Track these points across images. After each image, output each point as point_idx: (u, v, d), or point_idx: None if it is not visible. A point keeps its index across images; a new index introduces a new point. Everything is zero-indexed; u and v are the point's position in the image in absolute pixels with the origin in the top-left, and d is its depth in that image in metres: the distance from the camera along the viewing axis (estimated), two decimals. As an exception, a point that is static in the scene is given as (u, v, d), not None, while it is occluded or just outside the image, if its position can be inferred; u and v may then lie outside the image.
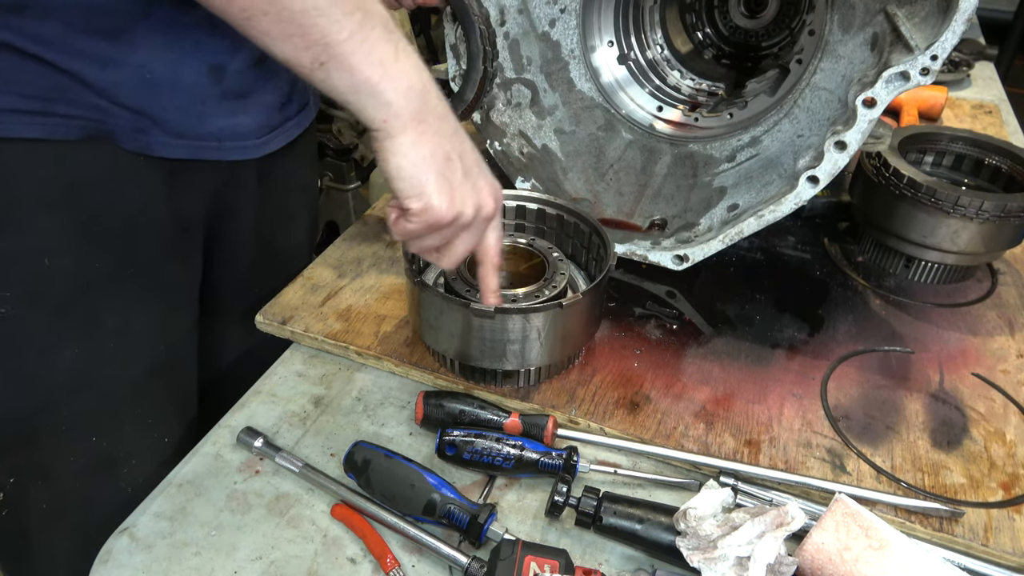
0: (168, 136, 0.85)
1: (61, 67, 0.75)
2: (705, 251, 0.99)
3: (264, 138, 0.97)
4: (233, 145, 0.93)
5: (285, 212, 1.15)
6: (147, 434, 1.00)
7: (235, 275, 1.12)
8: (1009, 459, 0.86)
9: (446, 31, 1.15)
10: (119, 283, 0.89)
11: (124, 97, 0.80)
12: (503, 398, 0.92)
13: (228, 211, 1.03)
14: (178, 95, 0.84)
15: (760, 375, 0.97)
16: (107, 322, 0.90)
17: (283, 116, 1.00)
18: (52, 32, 0.73)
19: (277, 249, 1.16)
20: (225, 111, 0.90)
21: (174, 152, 0.87)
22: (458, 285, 0.92)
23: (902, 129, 1.21)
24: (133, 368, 0.95)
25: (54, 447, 0.93)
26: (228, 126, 0.91)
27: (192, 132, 0.87)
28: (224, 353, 1.18)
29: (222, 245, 1.06)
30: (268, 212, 1.09)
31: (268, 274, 1.13)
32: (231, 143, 0.93)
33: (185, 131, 0.87)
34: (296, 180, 1.15)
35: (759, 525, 0.69)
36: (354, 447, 0.82)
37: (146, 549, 0.76)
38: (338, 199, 2.93)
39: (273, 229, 1.13)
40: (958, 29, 0.81)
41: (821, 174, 0.90)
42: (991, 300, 1.12)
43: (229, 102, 0.89)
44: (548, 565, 0.69)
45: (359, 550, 0.76)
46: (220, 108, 0.89)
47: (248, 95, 0.91)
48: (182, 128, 0.86)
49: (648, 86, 1.29)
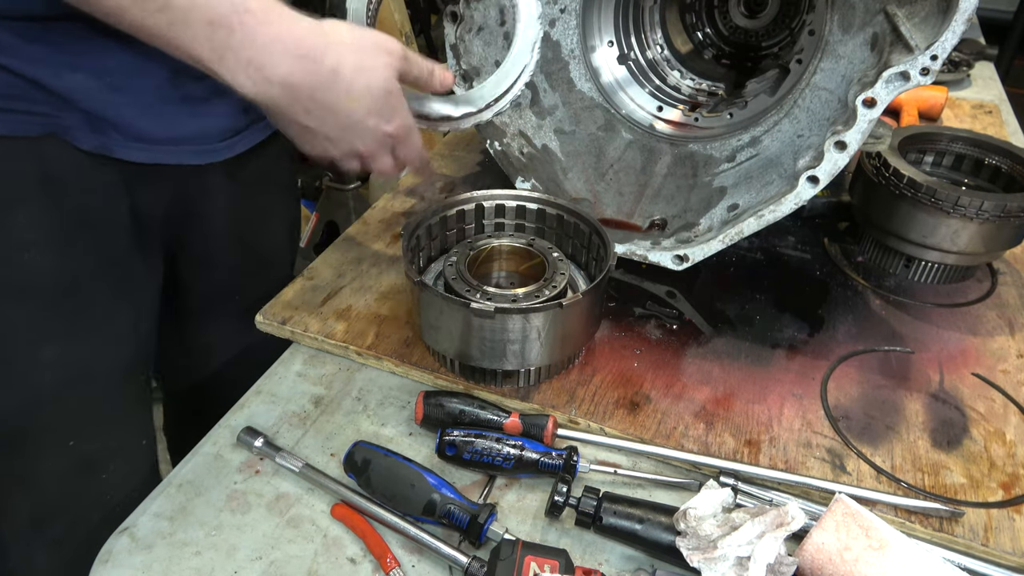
0: (127, 139, 0.85)
1: (17, 72, 0.75)
2: (705, 251, 0.99)
3: (228, 141, 0.96)
4: (195, 149, 0.92)
5: (262, 211, 1.14)
6: (126, 436, 1.00)
7: (215, 277, 1.11)
8: (1009, 459, 0.86)
9: (446, 31, 1.15)
10: (99, 280, 0.89)
11: (82, 101, 0.79)
12: (503, 398, 0.92)
13: (195, 213, 1.02)
14: (137, 100, 0.83)
15: (760, 375, 0.97)
16: (89, 320, 0.90)
17: (249, 119, 0.98)
18: (6, 39, 0.73)
19: (258, 249, 1.15)
20: (186, 115, 0.89)
21: (133, 155, 0.86)
22: (458, 285, 0.92)
23: (902, 129, 1.21)
24: (112, 369, 0.95)
25: (37, 451, 0.92)
26: (190, 130, 0.90)
27: (151, 136, 0.87)
28: (215, 354, 1.17)
29: (194, 247, 1.05)
30: (244, 212, 1.08)
31: (251, 273, 1.13)
32: (192, 147, 0.92)
33: (144, 135, 0.86)
34: (273, 178, 1.14)
35: (759, 525, 0.69)
36: (354, 447, 0.82)
37: (146, 549, 0.76)
38: (338, 199, 2.92)
39: (252, 229, 1.12)
40: (958, 29, 0.81)
41: (821, 174, 0.90)
42: (991, 300, 1.12)
43: (190, 106, 0.88)
44: (548, 565, 0.69)
45: (359, 550, 0.76)
46: (181, 112, 0.88)
47: (210, 99, 0.90)
48: (140, 132, 0.85)
49: (648, 86, 1.29)
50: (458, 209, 1.02)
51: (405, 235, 0.93)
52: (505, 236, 1.03)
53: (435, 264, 1.04)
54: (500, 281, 1.05)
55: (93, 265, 0.88)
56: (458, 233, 1.04)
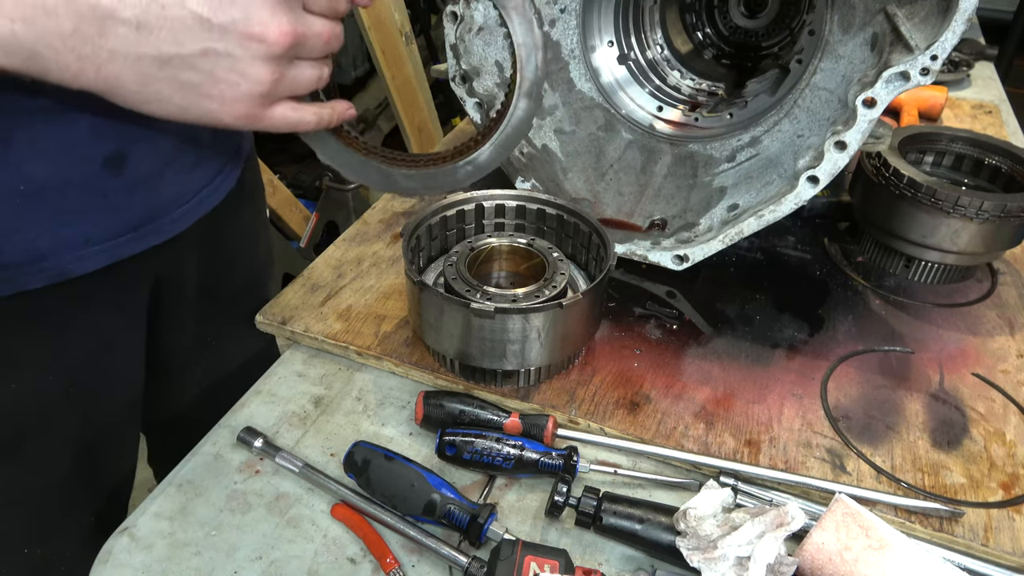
0: (70, 252, 0.77)
1: None
2: (705, 251, 0.99)
3: (193, 201, 0.89)
4: (156, 226, 0.85)
5: (228, 260, 1.08)
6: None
7: (184, 335, 1.06)
8: (1009, 459, 0.86)
9: (446, 31, 1.15)
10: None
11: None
12: (503, 398, 0.92)
13: (170, 283, 0.97)
14: (66, 201, 0.75)
15: (760, 375, 0.97)
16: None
17: (211, 172, 0.92)
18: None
19: (222, 295, 1.08)
20: (140, 199, 0.82)
21: (88, 265, 0.79)
22: (458, 285, 0.92)
23: (902, 129, 1.21)
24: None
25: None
26: (144, 210, 0.83)
27: (100, 235, 0.79)
28: (190, 391, 1.13)
29: (167, 313, 1.01)
30: (210, 264, 1.03)
31: (219, 320, 1.08)
32: (152, 225, 0.85)
33: (91, 237, 0.78)
34: (239, 221, 1.08)
35: (759, 525, 0.69)
36: (354, 447, 0.82)
37: (146, 549, 0.76)
38: (338, 199, 2.93)
39: (217, 277, 1.06)
40: (958, 29, 0.81)
41: (821, 174, 0.90)
42: (991, 300, 1.12)
43: (141, 189, 0.81)
44: (548, 565, 0.69)
45: (359, 550, 0.76)
46: (133, 197, 0.81)
47: (164, 172, 0.83)
48: (88, 236, 0.78)
49: (648, 86, 1.29)
50: (458, 209, 1.02)
51: (405, 235, 0.93)
52: (505, 236, 1.03)
53: (435, 264, 1.04)
54: (500, 281, 1.05)
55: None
56: (458, 233, 1.04)
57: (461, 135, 1.59)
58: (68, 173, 0.74)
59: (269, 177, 2.77)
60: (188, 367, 1.10)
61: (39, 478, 0.89)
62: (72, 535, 0.95)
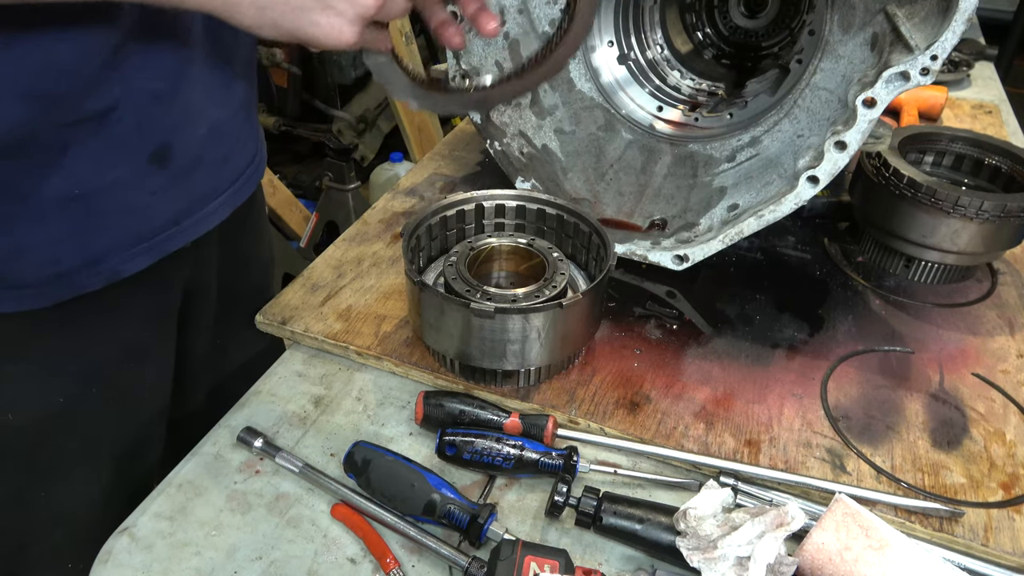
0: (122, 251, 0.80)
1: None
2: (705, 251, 0.99)
3: (226, 193, 0.93)
4: (195, 219, 0.88)
5: (244, 261, 1.12)
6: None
7: (202, 337, 1.09)
8: (1009, 459, 0.86)
9: (446, 31, 1.14)
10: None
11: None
12: (503, 398, 0.92)
13: (197, 287, 1.00)
14: (115, 200, 0.77)
15: (760, 375, 0.97)
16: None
17: (238, 169, 0.95)
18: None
19: (237, 296, 1.12)
20: (181, 191, 0.84)
21: (136, 264, 0.82)
22: (458, 285, 0.92)
23: (902, 129, 1.21)
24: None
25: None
26: (186, 202, 0.86)
27: (148, 231, 0.81)
28: (194, 394, 1.15)
29: (193, 317, 1.04)
30: (229, 265, 1.07)
31: (232, 321, 1.11)
32: (191, 218, 0.88)
33: (140, 233, 0.81)
34: (251, 222, 1.12)
35: (759, 525, 0.69)
36: (354, 447, 0.82)
37: (146, 549, 0.76)
38: (338, 199, 2.93)
39: (234, 278, 1.10)
40: (958, 29, 0.81)
41: (821, 174, 0.90)
42: (991, 300, 1.12)
43: (183, 181, 0.84)
44: (548, 565, 0.69)
45: (359, 550, 0.76)
46: (175, 190, 0.83)
47: (199, 164, 0.86)
48: (137, 232, 0.80)
49: (648, 86, 1.29)
50: (458, 209, 1.02)
51: (405, 235, 0.93)
52: (505, 236, 1.03)
53: (435, 264, 1.04)
54: (500, 281, 1.05)
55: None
56: (458, 233, 1.04)
57: (461, 134, 1.59)
58: (117, 172, 0.76)
59: (269, 177, 2.77)
60: (202, 369, 1.11)
61: (82, 497, 0.92)
62: None
